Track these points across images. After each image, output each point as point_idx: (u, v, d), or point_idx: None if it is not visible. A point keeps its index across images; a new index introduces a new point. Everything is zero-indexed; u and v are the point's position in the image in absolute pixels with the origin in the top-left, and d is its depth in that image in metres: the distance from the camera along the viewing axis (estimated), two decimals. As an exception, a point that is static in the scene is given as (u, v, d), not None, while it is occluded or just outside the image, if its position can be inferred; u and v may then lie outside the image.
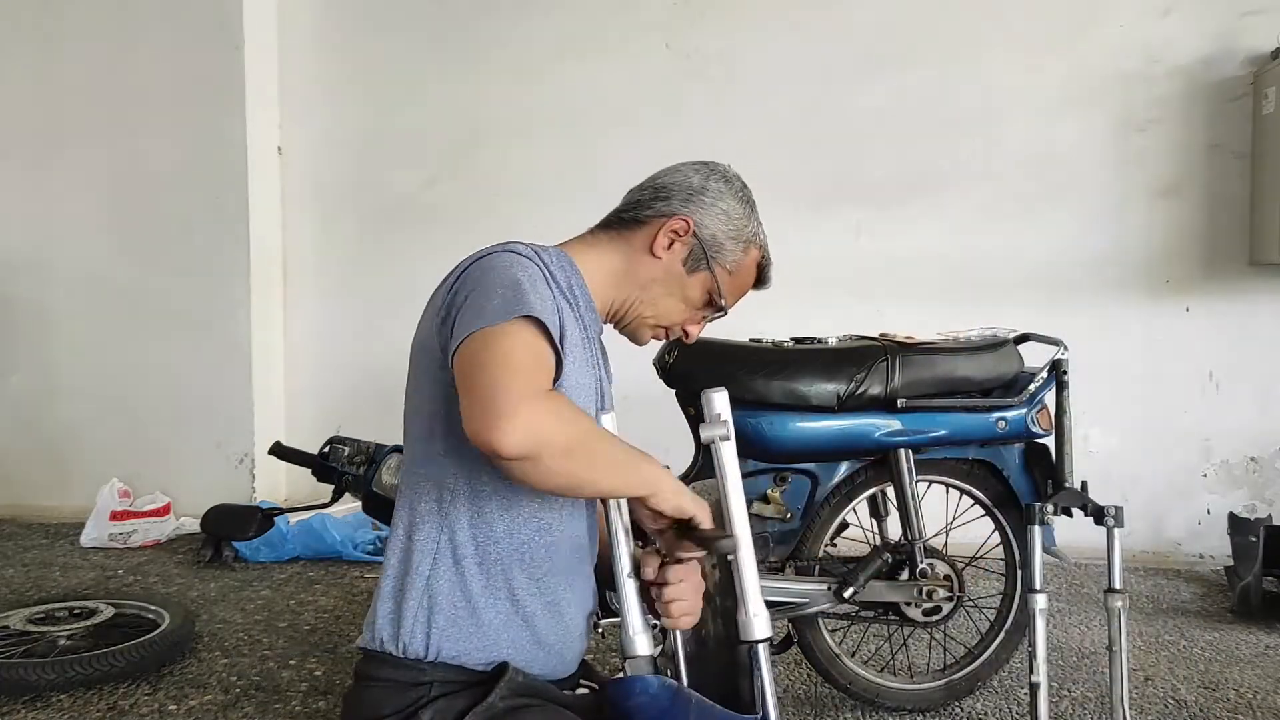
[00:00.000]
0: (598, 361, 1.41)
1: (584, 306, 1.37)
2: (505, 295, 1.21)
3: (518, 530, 1.30)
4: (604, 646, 2.89)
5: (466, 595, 1.27)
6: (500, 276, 1.24)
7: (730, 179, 1.46)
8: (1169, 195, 3.93)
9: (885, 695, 2.52)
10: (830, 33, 4.15)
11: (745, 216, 1.45)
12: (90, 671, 2.58)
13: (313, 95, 4.64)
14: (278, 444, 2.40)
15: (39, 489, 4.62)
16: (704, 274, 1.43)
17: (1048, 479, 2.43)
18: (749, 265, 1.47)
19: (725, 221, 1.43)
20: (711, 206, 1.42)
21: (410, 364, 1.35)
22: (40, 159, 4.63)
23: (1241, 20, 3.82)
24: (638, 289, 1.42)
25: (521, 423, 1.11)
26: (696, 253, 1.41)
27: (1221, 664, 2.88)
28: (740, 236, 1.44)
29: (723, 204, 1.43)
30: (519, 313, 1.18)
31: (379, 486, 2.17)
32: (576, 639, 1.38)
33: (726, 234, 1.43)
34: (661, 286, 1.42)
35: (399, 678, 1.26)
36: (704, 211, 1.41)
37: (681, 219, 1.40)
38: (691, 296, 1.44)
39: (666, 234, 1.40)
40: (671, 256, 1.41)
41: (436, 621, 1.26)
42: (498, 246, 1.33)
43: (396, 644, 1.27)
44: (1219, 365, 3.91)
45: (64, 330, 4.63)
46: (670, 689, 1.25)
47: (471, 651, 1.27)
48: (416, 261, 4.45)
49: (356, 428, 2.66)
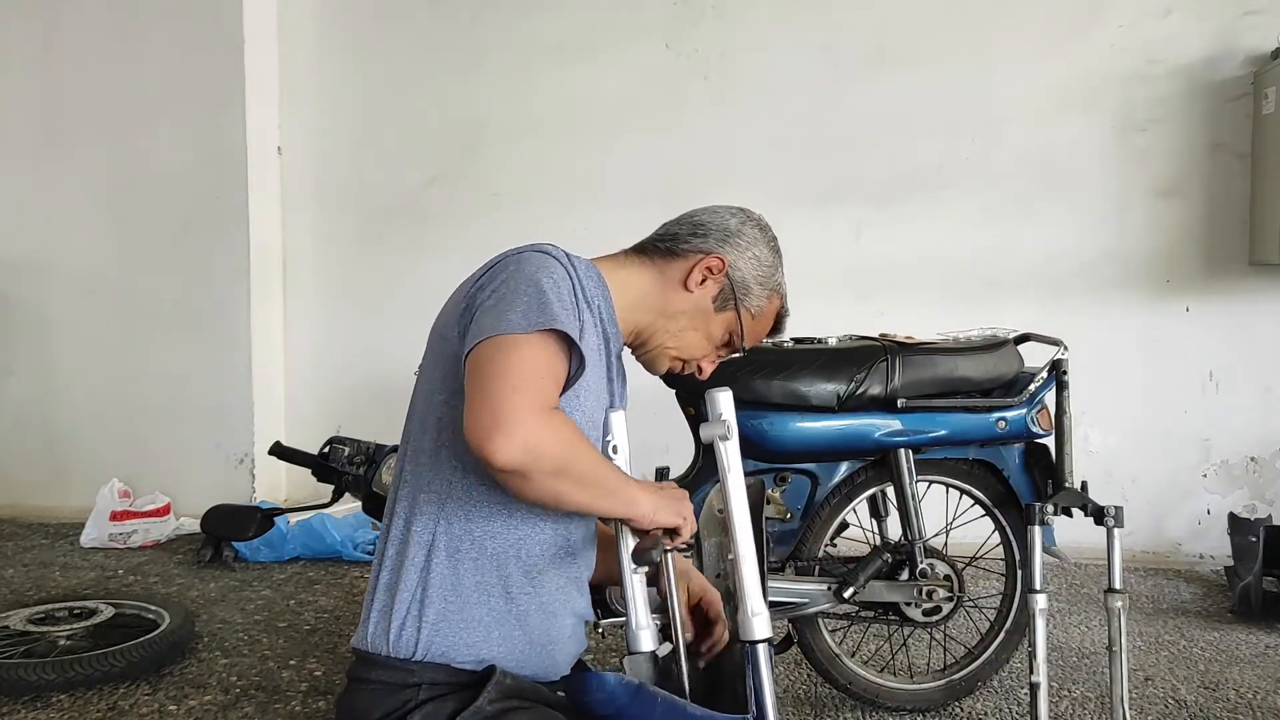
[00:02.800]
0: (612, 375, 1.42)
1: (607, 320, 1.39)
2: (529, 303, 1.22)
3: (514, 527, 1.30)
4: (604, 646, 2.89)
5: (459, 590, 1.28)
6: (529, 280, 1.26)
7: (764, 227, 1.51)
8: (1169, 195, 3.93)
9: (885, 695, 2.52)
10: (830, 33, 4.15)
11: (774, 265, 1.50)
12: (90, 671, 2.58)
13: (313, 95, 4.64)
14: (278, 444, 2.40)
15: (39, 489, 4.62)
16: (730, 314, 1.47)
17: (1048, 479, 2.44)
18: (770, 312, 1.52)
19: (756, 267, 1.47)
20: (746, 250, 1.47)
21: (426, 348, 1.37)
22: (40, 159, 4.63)
23: (1241, 20, 3.82)
24: (664, 318, 1.45)
25: (519, 437, 1.13)
26: (726, 292, 1.46)
27: (1221, 664, 2.88)
28: (768, 284, 1.49)
29: (756, 250, 1.48)
30: (540, 325, 1.20)
31: (379, 486, 2.17)
32: (569, 640, 1.38)
33: (756, 279, 1.48)
34: (688, 319, 1.46)
35: (388, 679, 1.27)
36: (738, 254, 1.46)
37: (718, 257, 1.45)
38: (714, 334, 1.48)
39: (701, 270, 1.44)
40: (703, 292, 1.45)
41: (428, 616, 1.27)
42: (532, 246, 1.35)
43: (387, 639, 1.27)
44: (1219, 365, 3.91)
45: (64, 330, 4.63)
46: (629, 687, 1.25)
47: (461, 648, 1.27)
48: (416, 261, 4.47)
49: (356, 428, 2.66)
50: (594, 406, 1.35)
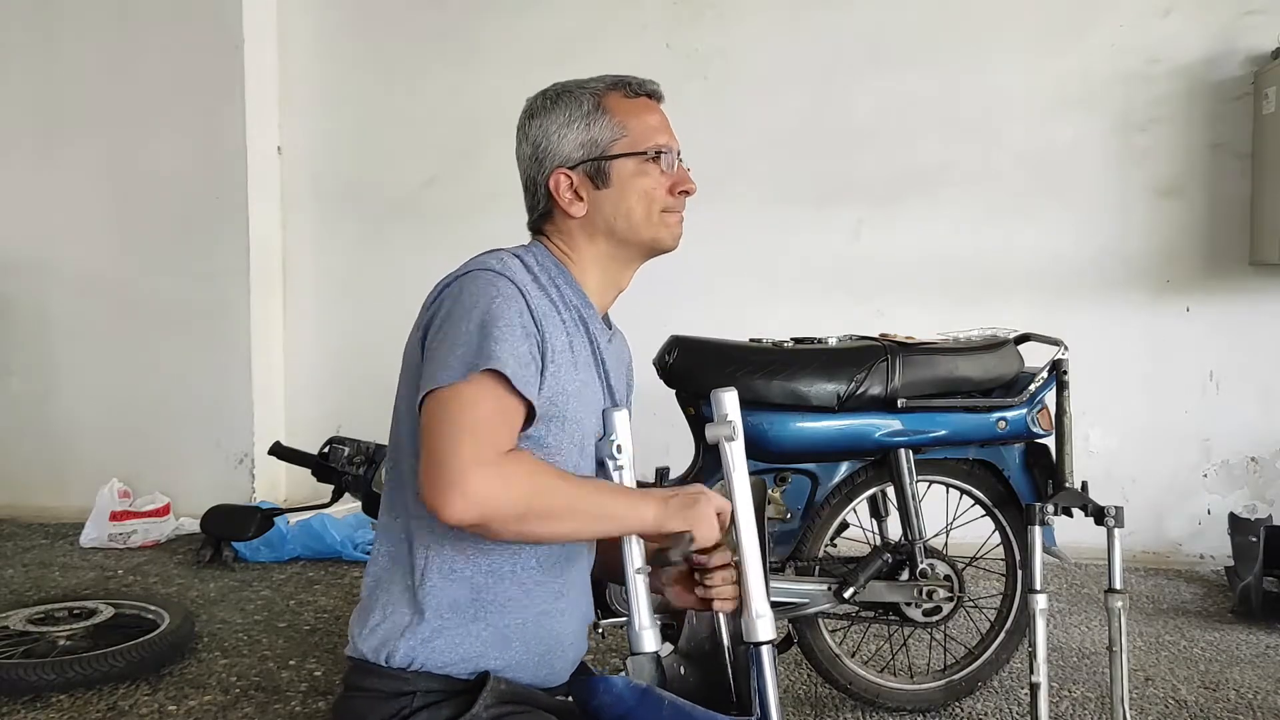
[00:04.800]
0: (605, 368, 1.38)
1: (576, 299, 1.35)
2: (469, 341, 1.19)
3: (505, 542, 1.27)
4: (604, 647, 2.89)
5: (453, 604, 1.26)
6: (469, 314, 1.22)
7: (532, 111, 1.40)
8: (1169, 195, 3.93)
9: (885, 695, 2.52)
10: (830, 33, 4.15)
11: (570, 108, 1.36)
12: (90, 671, 2.58)
13: (313, 95, 4.63)
14: (278, 444, 2.40)
15: (39, 489, 4.61)
16: (618, 173, 1.35)
17: (1048, 479, 2.43)
18: (623, 114, 1.36)
19: (570, 135, 1.35)
20: (555, 145, 1.36)
21: (402, 367, 1.34)
22: (40, 158, 4.62)
23: (1242, 20, 3.82)
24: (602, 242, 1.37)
25: (470, 494, 1.12)
26: (591, 174, 1.35)
27: (1222, 664, 2.88)
28: (589, 124, 1.35)
29: (553, 129, 1.36)
30: (481, 366, 1.17)
31: (379, 487, 2.17)
32: (568, 648, 1.37)
33: (579, 139, 1.35)
34: (611, 221, 1.36)
35: (383, 688, 1.26)
36: (555, 152, 1.36)
37: (554, 175, 1.36)
38: (638, 192, 1.36)
39: (562, 195, 1.36)
40: (588, 197, 1.35)
41: (421, 631, 1.25)
42: (476, 262, 1.31)
43: (382, 651, 1.26)
44: (1219, 365, 3.91)
45: (64, 330, 4.62)
46: (637, 690, 1.24)
47: (456, 661, 1.26)
48: (416, 261, 4.46)
49: (356, 428, 2.66)
50: (581, 409, 1.31)
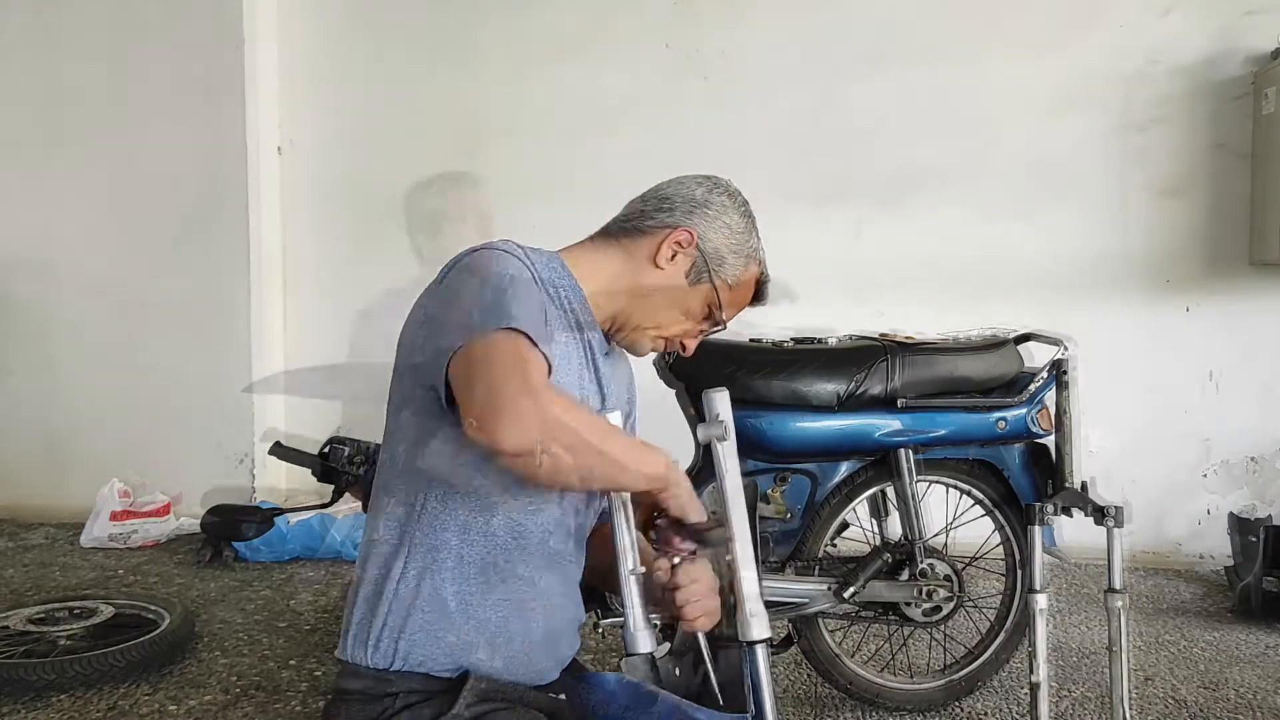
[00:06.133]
0: (598, 374, 1.39)
1: (578, 308, 1.36)
2: (486, 304, 1.19)
3: (492, 536, 1.28)
4: (604, 647, 2.89)
5: (438, 600, 1.26)
6: (481, 281, 1.23)
7: (733, 193, 1.45)
8: (1170, 195, 3.93)
9: (885, 695, 2.52)
10: (830, 33, 4.14)
11: (747, 231, 1.44)
12: (90, 671, 2.58)
13: (313, 95, 4.63)
14: (278, 444, 2.41)
15: (39, 489, 4.61)
16: (705, 287, 1.41)
17: (1048, 479, 2.43)
18: (749, 281, 1.45)
19: (728, 235, 1.41)
20: (715, 220, 1.41)
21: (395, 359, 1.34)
22: (40, 159, 4.62)
23: (1242, 20, 3.82)
24: (638, 299, 1.40)
25: (522, 417, 1.09)
26: (699, 265, 1.40)
27: (1222, 664, 2.88)
28: (742, 251, 1.42)
29: (726, 218, 1.41)
30: (500, 325, 1.16)
31: (379, 486, 2.17)
32: (555, 646, 1.36)
33: (729, 248, 1.41)
34: (662, 297, 1.40)
35: (366, 689, 1.27)
36: (707, 224, 1.40)
37: (686, 231, 1.39)
38: (691, 309, 1.42)
39: (670, 245, 1.39)
40: (674, 268, 1.39)
41: (407, 627, 1.26)
42: (482, 245, 1.32)
43: (365, 649, 1.27)
44: (1219, 365, 3.91)
45: (64, 330, 4.62)
46: (631, 688, 1.24)
47: (440, 658, 1.26)
48: (416, 261, 4.47)
49: (356, 428, 2.66)
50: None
